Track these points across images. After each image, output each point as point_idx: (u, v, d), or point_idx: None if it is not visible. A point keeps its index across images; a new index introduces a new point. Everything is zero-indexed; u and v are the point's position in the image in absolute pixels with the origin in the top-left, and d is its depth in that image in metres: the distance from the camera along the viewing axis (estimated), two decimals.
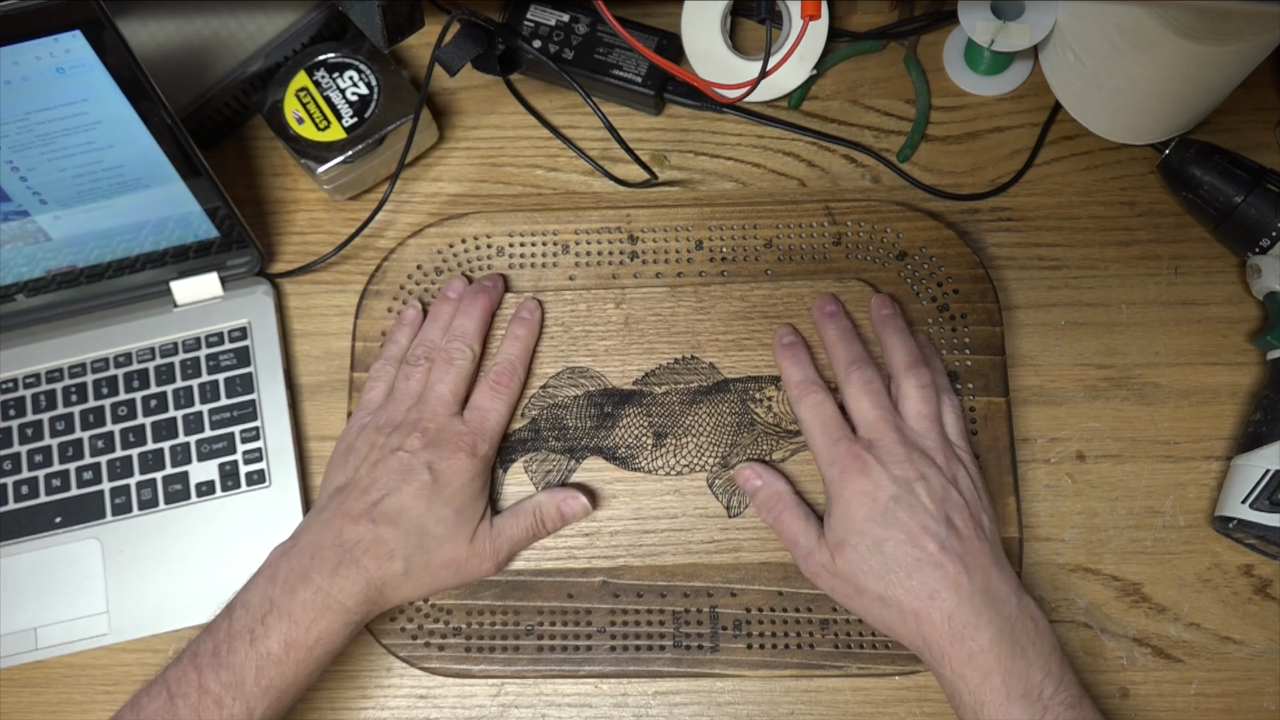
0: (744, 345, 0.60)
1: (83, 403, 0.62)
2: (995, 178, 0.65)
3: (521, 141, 0.68)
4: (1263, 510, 0.55)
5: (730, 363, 0.60)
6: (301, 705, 0.57)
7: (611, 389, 0.60)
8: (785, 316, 0.60)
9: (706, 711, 0.57)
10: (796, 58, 0.66)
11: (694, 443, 0.58)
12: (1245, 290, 0.62)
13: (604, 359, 0.60)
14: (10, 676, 0.59)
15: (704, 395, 0.59)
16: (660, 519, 0.58)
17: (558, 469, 0.59)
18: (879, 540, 0.50)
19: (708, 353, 0.60)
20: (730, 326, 0.60)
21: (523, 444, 0.59)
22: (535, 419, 0.59)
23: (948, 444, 0.54)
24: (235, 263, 0.64)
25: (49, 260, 0.61)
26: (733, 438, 0.58)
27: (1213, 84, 0.60)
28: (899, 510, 0.50)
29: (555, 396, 0.60)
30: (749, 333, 0.60)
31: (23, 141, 0.53)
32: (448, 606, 0.57)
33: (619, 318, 0.61)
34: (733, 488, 0.58)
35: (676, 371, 0.59)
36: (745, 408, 0.59)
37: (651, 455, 0.58)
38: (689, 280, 0.62)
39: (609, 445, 0.59)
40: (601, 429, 0.59)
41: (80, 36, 0.49)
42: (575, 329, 0.61)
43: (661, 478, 0.58)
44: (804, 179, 0.66)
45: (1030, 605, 0.50)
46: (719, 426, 0.58)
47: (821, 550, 0.53)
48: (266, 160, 0.68)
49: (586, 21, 0.66)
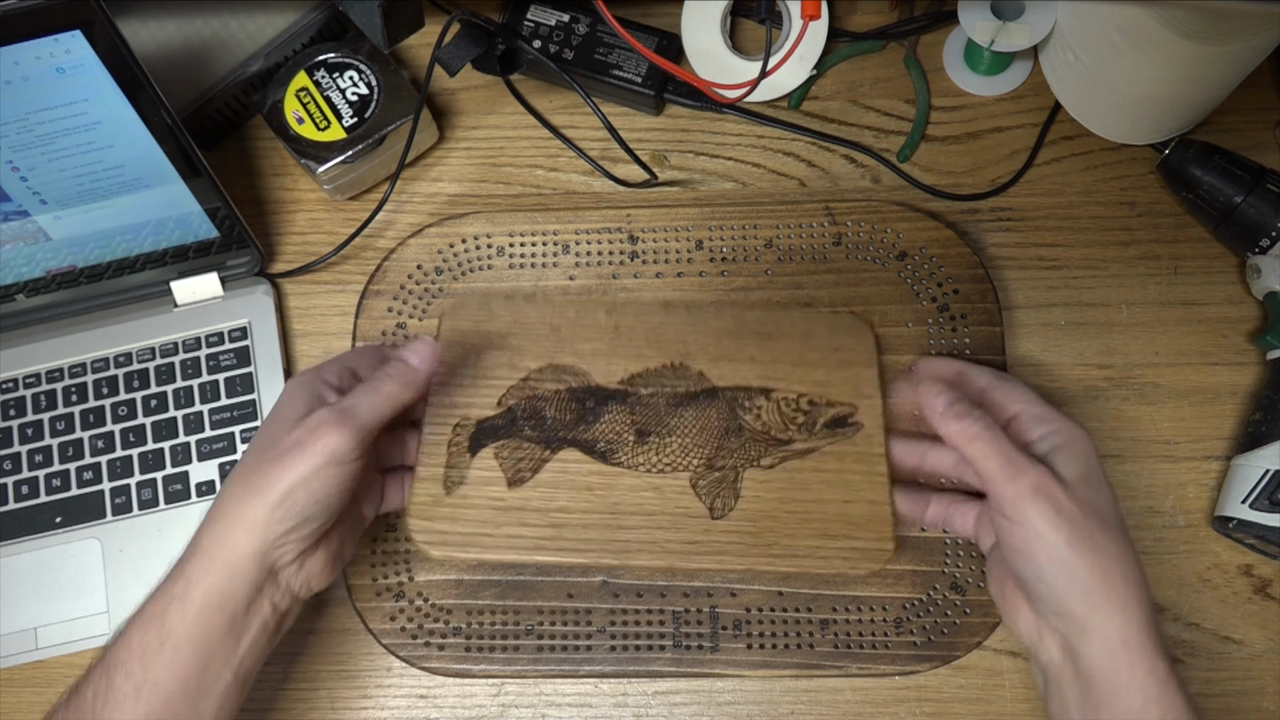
0: (734, 359, 0.58)
1: (83, 403, 0.62)
2: (995, 178, 0.65)
3: (521, 141, 0.68)
4: (1263, 510, 0.55)
5: (720, 372, 0.58)
6: (301, 705, 0.57)
7: (595, 386, 0.58)
8: (776, 336, 0.59)
9: (706, 711, 0.57)
10: (796, 58, 0.66)
11: (678, 443, 0.56)
12: (1245, 290, 0.62)
13: (590, 359, 0.58)
14: (10, 676, 0.59)
15: (691, 399, 0.57)
16: (636, 515, 0.55)
17: (530, 457, 0.56)
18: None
19: (697, 361, 0.58)
20: (722, 342, 0.59)
21: (495, 431, 0.57)
22: (512, 409, 0.57)
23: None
24: (235, 263, 0.64)
25: (49, 260, 0.61)
26: (719, 441, 0.56)
27: (1213, 84, 0.60)
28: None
29: (536, 388, 0.58)
30: (739, 348, 0.59)
31: (23, 141, 0.53)
32: (448, 606, 0.57)
33: (609, 323, 0.59)
34: (719, 489, 0.56)
35: (664, 376, 0.58)
36: (734, 413, 0.57)
37: (633, 452, 0.56)
38: (689, 280, 0.61)
39: (588, 439, 0.56)
40: (582, 423, 0.57)
41: (80, 36, 0.49)
42: (563, 331, 0.59)
43: (642, 474, 0.56)
44: (804, 179, 0.66)
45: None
46: (705, 429, 0.57)
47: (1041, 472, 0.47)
48: (266, 160, 0.68)
49: (586, 21, 0.66)
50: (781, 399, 0.57)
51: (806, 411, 0.57)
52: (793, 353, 0.59)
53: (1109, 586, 0.45)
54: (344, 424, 0.48)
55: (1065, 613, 0.46)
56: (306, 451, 0.47)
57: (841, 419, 0.57)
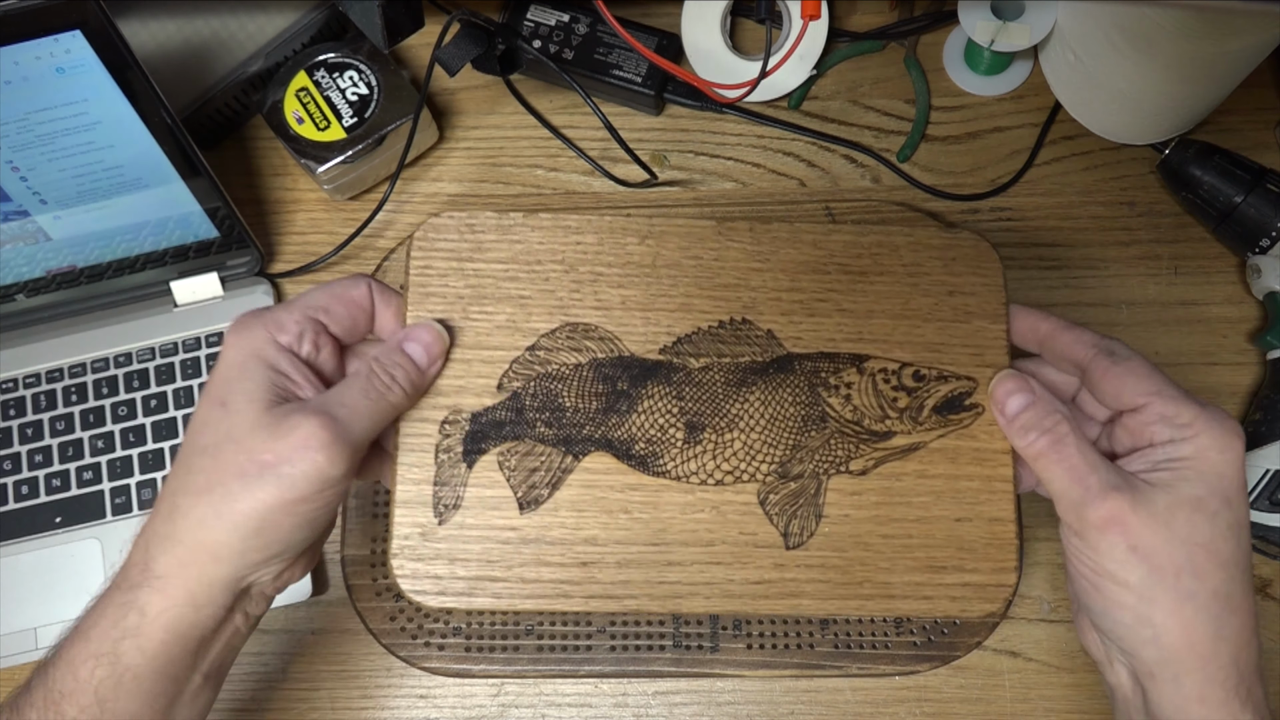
0: (815, 310, 0.44)
1: (83, 403, 0.62)
2: (995, 178, 0.65)
3: (521, 141, 0.68)
4: (1263, 510, 0.55)
5: (796, 333, 0.44)
6: (301, 705, 0.57)
7: (629, 357, 0.44)
8: (873, 273, 0.45)
9: (706, 711, 0.57)
10: (796, 58, 0.66)
11: (742, 440, 0.44)
12: (1245, 290, 0.62)
13: (620, 315, 0.44)
14: (10, 676, 0.59)
15: (758, 375, 0.44)
16: (689, 546, 0.43)
17: (547, 467, 0.43)
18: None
19: (765, 316, 0.44)
20: (797, 281, 0.44)
21: (498, 428, 0.43)
22: (518, 393, 0.44)
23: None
24: (235, 263, 0.64)
25: (49, 260, 0.61)
26: (796, 436, 0.44)
27: (1213, 84, 0.60)
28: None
29: (549, 363, 0.44)
30: (823, 292, 0.45)
31: (23, 141, 0.53)
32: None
33: (644, 257, 0.45)
34: (796, 506, 0.43)
35: (721, 339, 0.44)
36: (815, 396, 0.44)
37: (682, 455, 0.43)
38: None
39: (622, 437, 0.43)
40: (613, 413, 0.44)
41: (80, 36, 0.49)
42: (581, 269, 0.44)
43: (694, 487, 0.43)
44: (804, 179, 0.66)
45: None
46: (778, 420, 0.44)
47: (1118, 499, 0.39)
48: (266, 160, 0.68)
49: (586, 21, 0.66)
50: (879, 371, 0.44)
51: (912, 391, 0.44)
52: (895, 297, 0.45)
53: (1190, 640, 0.38)
54: (335, 441, 0.38)
55: (1133, 655, 0.40)
56: (288, 473, 0.38)
57: (957, 399, 0.44)
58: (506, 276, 0.45)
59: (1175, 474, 0.39)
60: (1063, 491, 0.40)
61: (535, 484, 0.43)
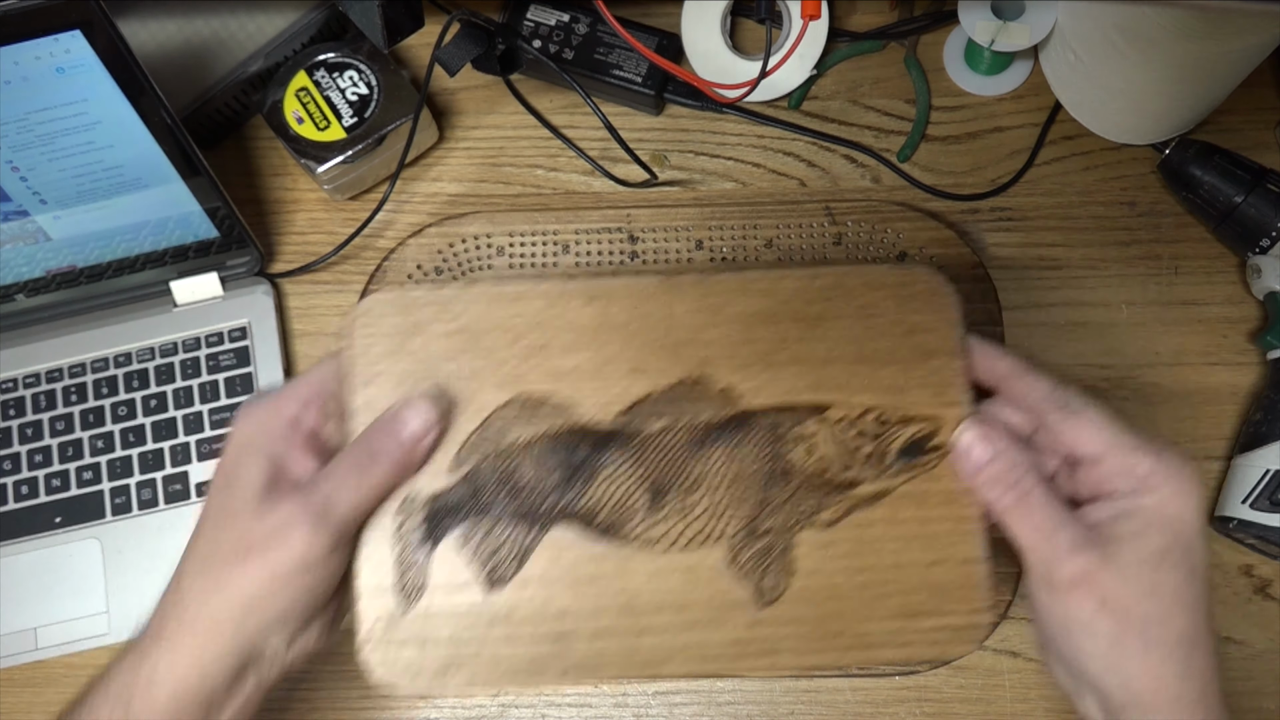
0: (772, 361, 0.44)
1: (83, 403, 0.62)
2: (995, 178, 0.65)
3: (521, 141, 0.68)
4: (1263, 510, 0.55)
5: (755, 385, 0.43)
6: (302, 705, 0.57)
7: (584, 426, 0.43)
8: (828, 318, 0.44)
9: (706, 712, 0.57)
10: (796, 58, 0.66)
11: (707, 501, 0.43)
12: (1245, 290, 0.62)
13: (573, 383, 0.43)
14: (10, 676, 0.59)
15: (719, 433, 0.43)
16: (663, 613, 0.42)
17: (510, 544, 0.42)
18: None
19: (721, 371, 0.43)
20: (752, 333, 0.44)
21: (456, 510, 0.42)
22: (473, 473, 0.42)
23: None
24: (235, 263, 0.64)
25: (49, 260, 0.61)
26: (762, 492, 0.43)
27: (1213, 84, 0.60)
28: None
29: (503, 438, 0.43)
30: (778, 342, 0.44)
31: (23, 141, 0.53)
32: None
33: (592, 319, 0.43)
34: (766, 563, 0.42)
35: (678, 399, 0.43)
36: (777, 450, 0.43)
37: (647, 520, 0.42)
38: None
39: (585, 508, 0.42)
40: (573, 484, 0.42)
41: (80, 36, 0.49)
42: (528, 338, 0.43)
43: (662, 552, 0.42)
44: (804, 179, 0.66)
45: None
46: (742, 477, 0.43)
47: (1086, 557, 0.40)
48: (266, 160, 0.68)
49: (586, 21, 0.66)
50: (839, 421, 0.43)
51: (877, 436, 0.43)
52: (851, 341, 0.44)
53: (1159, 684, 0.39)
54: (317, 525, 0.39)
55: (1104, 695, 0.40)
56: (271, 556, 0.39)
57: (920, 442, 0.43)
58: (451, 352, 0.43)
59: (1139, 525, 0.40)
60: (1030, 548, 0.40)
61: (499, 563, 0.42)
